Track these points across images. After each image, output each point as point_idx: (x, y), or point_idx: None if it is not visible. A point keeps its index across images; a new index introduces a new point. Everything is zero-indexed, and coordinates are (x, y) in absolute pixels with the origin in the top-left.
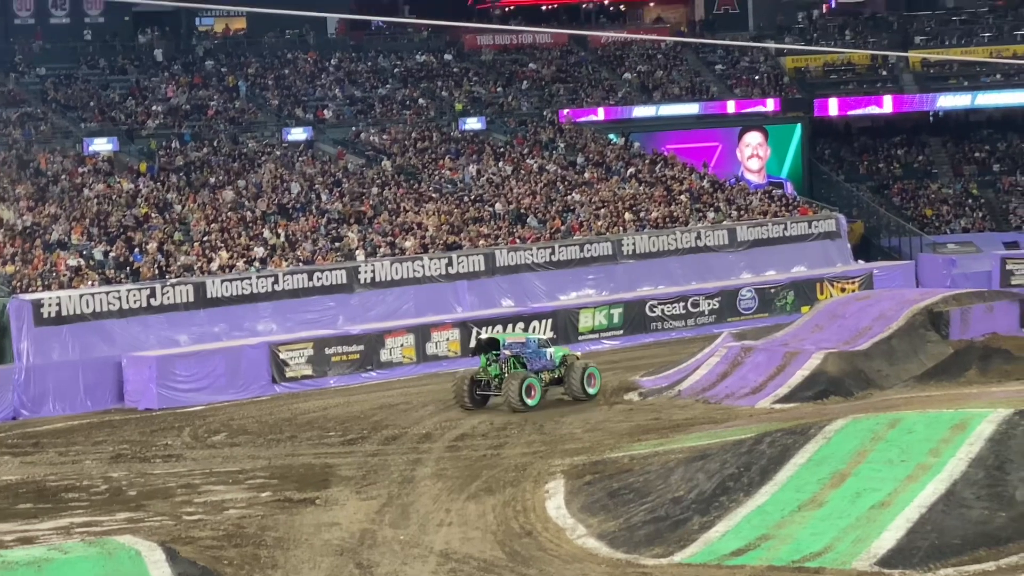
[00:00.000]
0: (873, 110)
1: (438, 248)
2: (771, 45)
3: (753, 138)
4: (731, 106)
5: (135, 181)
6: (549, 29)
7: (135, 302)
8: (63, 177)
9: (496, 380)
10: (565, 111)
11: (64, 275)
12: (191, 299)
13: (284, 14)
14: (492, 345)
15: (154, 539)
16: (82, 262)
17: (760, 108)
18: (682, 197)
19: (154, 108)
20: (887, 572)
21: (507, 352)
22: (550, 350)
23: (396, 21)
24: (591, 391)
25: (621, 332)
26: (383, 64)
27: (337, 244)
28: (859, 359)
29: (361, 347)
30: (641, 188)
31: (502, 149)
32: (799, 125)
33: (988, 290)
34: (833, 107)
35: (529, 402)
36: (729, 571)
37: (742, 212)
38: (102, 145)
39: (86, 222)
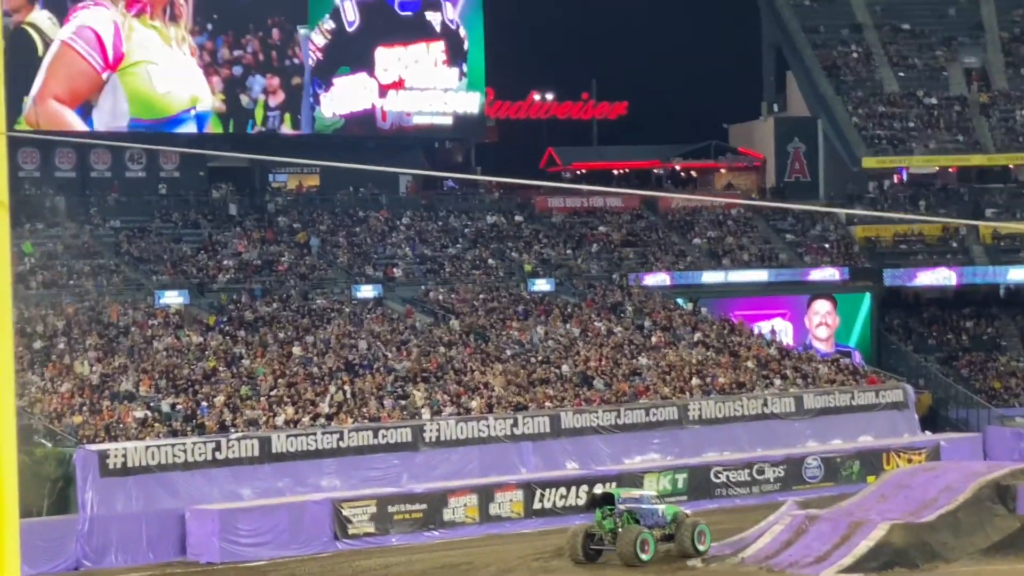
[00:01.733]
0: (943, 281)
1: (504, 408)
2: (841, 211)
3: (822, 306)
4: (800, 274)
5: (204, 335)
6: (619, 190)
7: (200, 455)
8: (133, 329)
9: (610, 534)
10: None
11: (131, 427)
12: (256, 453)
13: (356, 169)
14: (607, 500)
15: None
16: (149, 414)
17: (829, 276)
18: (749, 363)
19: (225, 263)
20: None
21: (622, 507)
22: (662, 507)
23: (467, 178)
24: (701, 548)
25: (685, 497)
26: (454, 224)
27: (403, 402)
28: (925, 531)
29: (424, 506)
30: (708, 353)
31: (570, 311)
32: (868, 294)
33: None
34: (903, 277)
35: (643, 557)
36: None
37: (809, 380)
38: (173, 298)
39: (155, 374)
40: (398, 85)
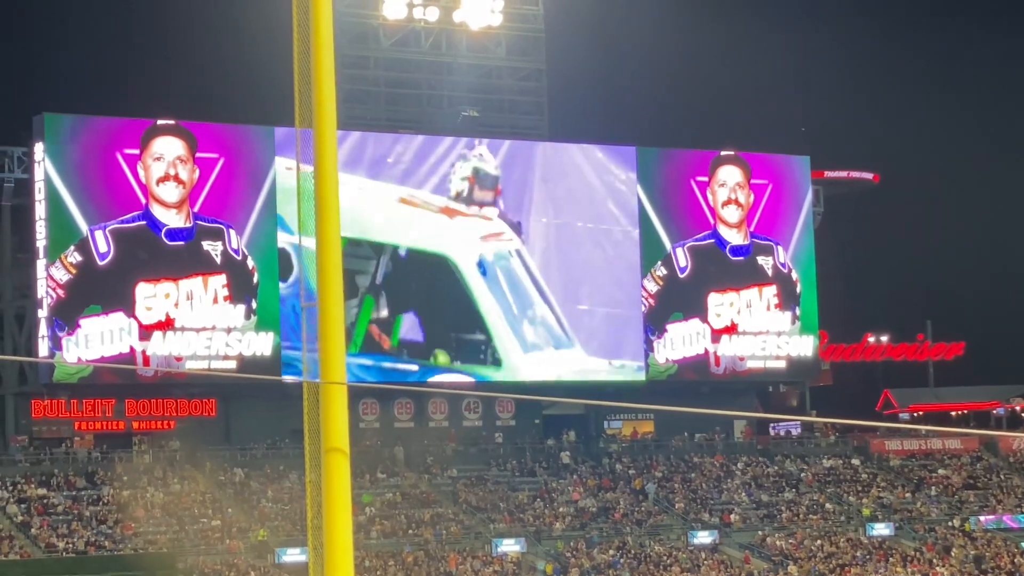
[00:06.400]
0: None
1: None
2: None
3: None
4: None
5: None
6: (960, 430)
7: None
8: None
9: None
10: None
11: None
12: None
13: (691, 414)
14: None
15: None
16: None
17: None
18: None
19: (561, 510)
20: None
21: None
22: None
23: (804, 420)
24: None
25: None
26: (790, 468)
27: None
28: None
29: None
30: None
31: (911, 555)
32: None
33: None
34: None
35: None
36: None
37: None
38: (510, 546)
39: None
40: (731, 330)
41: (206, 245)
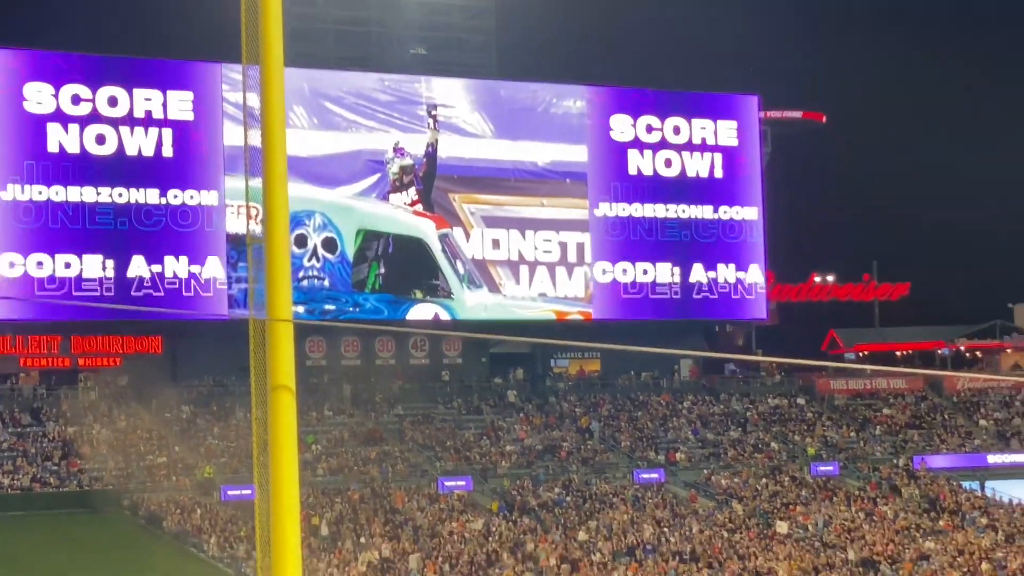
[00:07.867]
0: None
1: None
2: None
3: None
4: None
5: (488, 520)
6: (904, 371)
7: None
8: (418, 514)
9: None
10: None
11: None
12: None
13: (637, 354)
14: None
15: None
16: None
17: None
18: None
19: (507, 448)
20: None
21: None
22: None
23: (750, 359)
24: None
25: None
26: (736, 407)
27: None
28: None
29: None
30: (998, 537)
31: (855, 495)
32: None
33: None
34: None
35: None
36: None
37: None
38: (456, 484)
39: (438, 559)
40: None
41: None
